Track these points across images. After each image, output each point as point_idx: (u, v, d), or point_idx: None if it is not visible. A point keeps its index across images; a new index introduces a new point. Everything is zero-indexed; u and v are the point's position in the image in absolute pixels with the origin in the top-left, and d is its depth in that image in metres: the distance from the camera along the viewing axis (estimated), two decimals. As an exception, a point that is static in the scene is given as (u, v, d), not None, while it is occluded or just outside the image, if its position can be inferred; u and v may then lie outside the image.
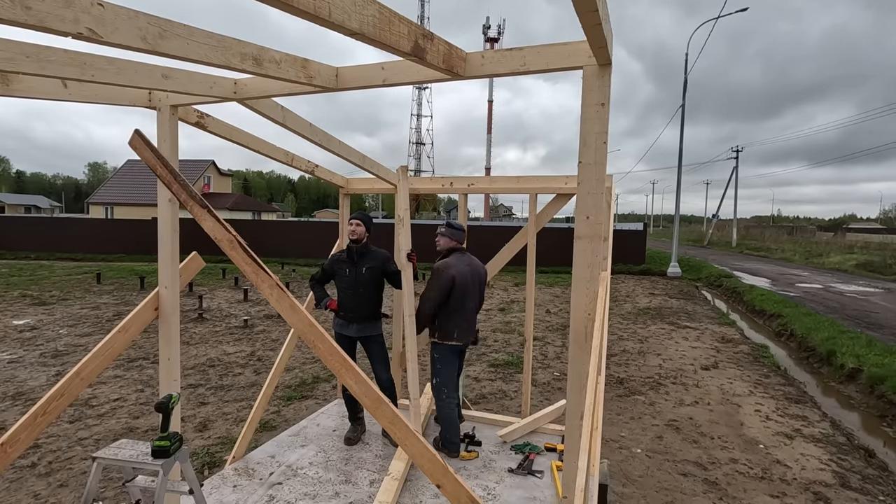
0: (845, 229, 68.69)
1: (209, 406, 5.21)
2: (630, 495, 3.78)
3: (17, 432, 2.33)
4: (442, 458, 2.02)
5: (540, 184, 4.00)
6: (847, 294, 14.27)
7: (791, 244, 36.57)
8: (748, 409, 5.64)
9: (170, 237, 2.52)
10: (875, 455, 4.66)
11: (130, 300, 11.38)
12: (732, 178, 38.67)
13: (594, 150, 1.81)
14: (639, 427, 5.06)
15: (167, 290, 2.53)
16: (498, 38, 53.11)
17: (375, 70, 2.11)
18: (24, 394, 5.46)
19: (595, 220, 1.83)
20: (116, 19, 1.38)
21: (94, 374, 2.49)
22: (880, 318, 10.60)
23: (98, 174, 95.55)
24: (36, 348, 7.31)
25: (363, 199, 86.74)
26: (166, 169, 2.28)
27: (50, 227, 22.86)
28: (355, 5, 1.47)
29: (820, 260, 25.31)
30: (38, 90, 2.13)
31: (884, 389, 6.07)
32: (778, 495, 3.83)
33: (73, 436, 4.47)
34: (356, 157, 3.48)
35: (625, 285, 16.22)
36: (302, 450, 3.80)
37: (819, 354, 7.91)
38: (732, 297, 14.39)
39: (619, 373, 6.84)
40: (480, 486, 3.33)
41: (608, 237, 3.69)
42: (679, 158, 19.70)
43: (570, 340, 1.91)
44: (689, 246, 38.42)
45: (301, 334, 2.04)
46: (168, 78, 2.10)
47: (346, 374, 2.17)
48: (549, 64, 1.86)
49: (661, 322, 10.39)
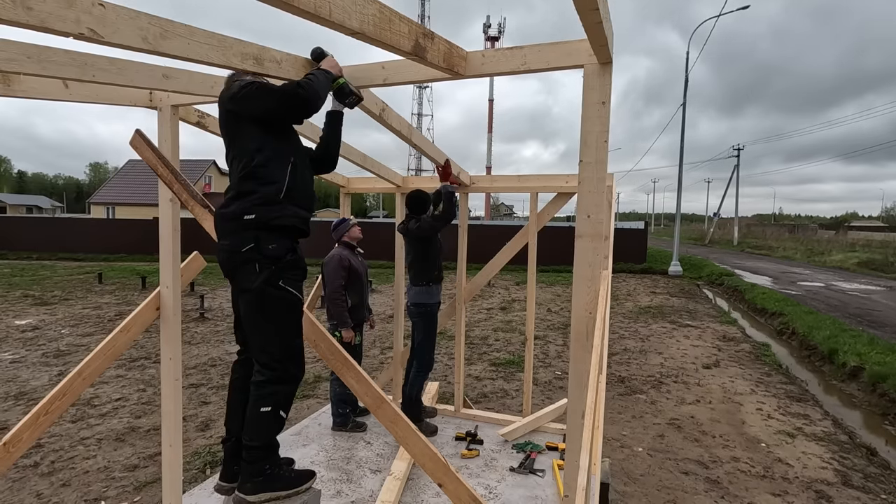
0: (847, 227, 68.57)
1: (211, 405, 5.22)
2: (632, 494, 3.78)
3: (19, 432, 2.34)
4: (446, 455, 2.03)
5: (541, 182, 4.00)
6: (849, 292, 14.25)
7: (793, 242, 36.51)
8: (750, 407, 5.64)
9: (171, 237, 2.53)
10: (877, 453, 4.65)
11: (132, 300, 11.39)
12: (734, 176, 38.60)
13: (595, 149, 1.81)
14: (640, 426, 5.06)
15: (168, 289, 2.53)
16: (498, 37, 53.04)
17: (376, 69, 2.11)
18: (27, 393, 5.48)
19: (596, 219, 1.83)
20: (118, 20, 1.38)
21: (96, 373, 2.50)
22: (882, 316, 10.58)
23: (99, 174, 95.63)
24: (38, 348, 7.33)
25: (364, 198, 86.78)
26: (167, 169, 2.28)
27: (51, 228, 22.89)
28: (356, 5, 1.47)
29: (821, 258, 25.26)
30: (40, 90, 2.13)
31: (885, 388, 6.06)
32: (780, 494, 3.83)
33: (76, 435, 4.48)
34: (357, 157, 3.47)
35: (626, 284, 16.21)
36: (304, 449, 3.81)
37: (821, 353, 7.89)
38: (734, 295, 14.37)
39: (621, 371, 6.84)
40: (482, 484, 3.33)
41: (609, 236, 3.69)
42: (680, 158, 19.67)
43: (572, 339, 1.91)
44: (690, 244, 38.37)
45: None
46: (169, 78, 2.10)
47: (346, 373, 2.17)
48: (550, 63, 1.86)
49: (662, 321, 10.38)
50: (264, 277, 1.85)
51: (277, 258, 1.88)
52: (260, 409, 1.89)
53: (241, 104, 1.86)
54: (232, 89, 1.89)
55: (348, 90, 2.03)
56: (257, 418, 1.90)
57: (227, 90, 1.93)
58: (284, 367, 1.92)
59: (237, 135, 1.92)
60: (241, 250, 1.86)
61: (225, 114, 1.95)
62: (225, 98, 1.93)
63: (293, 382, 1.98)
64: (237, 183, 1.90)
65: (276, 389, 1.91)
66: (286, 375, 1.93)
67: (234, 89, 1.88)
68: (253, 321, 1.90)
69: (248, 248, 1.85)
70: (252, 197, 1.87)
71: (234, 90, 1.87)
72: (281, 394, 1.92)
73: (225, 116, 1.96)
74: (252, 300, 1.88)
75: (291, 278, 1.93)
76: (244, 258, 1.86)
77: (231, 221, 1.89)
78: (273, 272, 1.87)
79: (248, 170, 1.87)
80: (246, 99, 1.85)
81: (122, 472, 3.86)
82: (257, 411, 1.89)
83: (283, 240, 1.92)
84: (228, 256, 1.90)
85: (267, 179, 1.89)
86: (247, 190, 1.88)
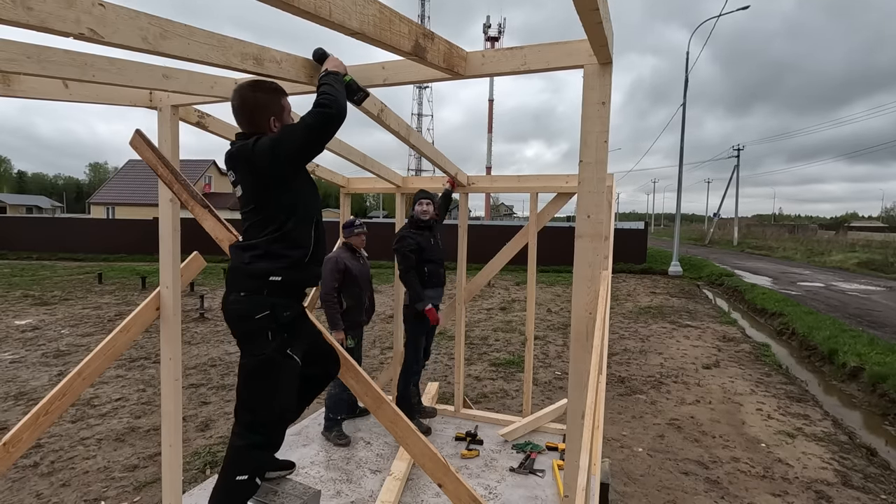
0: (847, 228, 68.56)
1: (211, 406, 5.22)
2: (632, 494, 3.78)
3: (19, 432, 2.34)
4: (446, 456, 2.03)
5: (540, 183, 4.00)
6: (849, 292, 14.25)
7: (792, 242, 36.51)
8: (750, 407, 5.64)
9: (171, 237, 2.53)
10: (877, 454, 4.65)
11: (132, 300, 11.39)
12: (734, 176, 38.60)
13: (595, 149, 1.81)
14: (640, 426, 5.06)
15: (168, 289, 2.53)
16: (498, 37, 53.03)
17: (376, 69, 2.11)
18: (27, 394, 5.48)
19: (596, 219, 1.83)
20: (118, 20, 1.38)
21: (96, 373, 2.50)
22: (882, 316, 10.58)
23: (99, 174, 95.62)
24: (38, 348, 7.32)
25: (364, 198, 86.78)
26: (167, 169, 2.28)
27: (51, 228, 22.90)
28: (356, 5, 1.47)
29: (821, 258, 25.26)
30: (39, 90, 2.13)
31: (885, 388, 6.06)
32: (780, 494, 3.83)
33: (76, 435, 4.48)
34: (357, 157, 3.47)
35: (626, 284, 16.21)
36: (303, 449, 3.81)
37: (820, 353, 7.89)
38: (734, 295, 14.37)
39: (621, 372, 6.84)
40: (482, 484, 3.33)
41: (609, 236, 3.69)
42: (680, 158, 19.68)
43: (572, 339, 1.91)
44: (690, 245, 38.37)
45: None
46: (169, 78, 2.09)
47: (346, 372, 2.17)
48: (550, 63, 1.86)
49: (662, 321, 10.38)
50: (275, 346, 1.83)
51: (290, 325, 1.86)
52: (236, 477, 1.81)
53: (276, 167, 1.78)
54: (262, 147, 1.79)
55: (356, 87, 2.02)
56: (232, 488, 1.82)
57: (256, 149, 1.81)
58: (271, 431, 1.88)
59: (263, 195, 1.85)
60: (256, 317, 1.81)
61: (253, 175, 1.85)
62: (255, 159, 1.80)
63: (273, 449, 1.93)
64: (266, 243, 1.84)
65: (258, 455, 1.86)
66: (271, 441, 1.90)
67: (265, 148, 1.78)
68: (249, 382, 1.85)
69: (262, 316, 1.81)
70: (281, 260, 1.84)
71: (265, 149, 1.78)
72: (261, 460, 1.87)
73: (253, 176, 1.85)
74: (256, 365, 1.83)
75: (297, 346, 1.91)
76: (258, 325, 1.82)
77: (253, 280, 1.84)
78: (284, 340, 1.85)
79: (280, 233, 1.84)
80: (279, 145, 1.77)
81: (121, 473, 3.86)
82: (232, 480, 1.81)
83: (296, 304, 1.91)
84: (239, 318, 1.86)
85: (297, 244, 1.87)
86: (276, 253, 1.84)
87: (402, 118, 2.72)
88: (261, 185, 1.85)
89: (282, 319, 1.83)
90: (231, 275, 1.92)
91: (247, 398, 1.87)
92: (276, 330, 1.83)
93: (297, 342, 1.92)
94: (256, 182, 1.86)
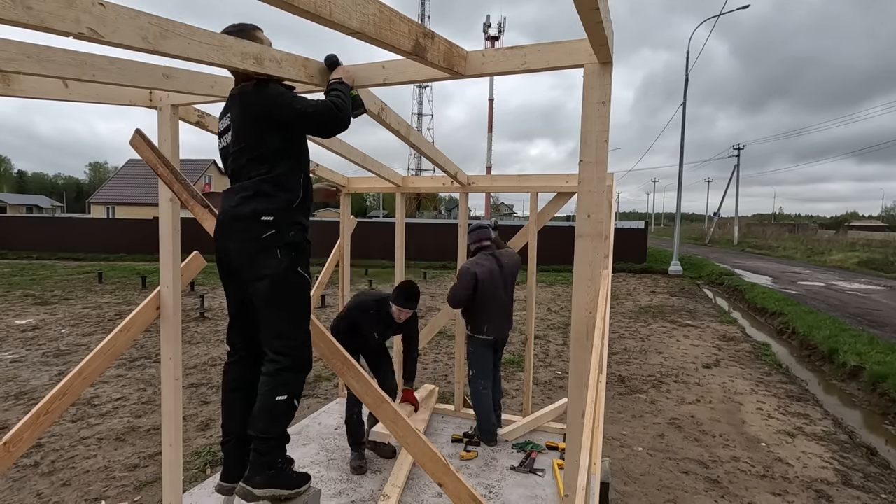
0: (847, 227, 68.54)
1: (211, 405, 5.22)
2: (632, 493, 3.78)
3: (19, 431, 2.34)
4: (447, 456, 2.03)
5: (540, 182, 4.00)
6: (849, 292, 14.25)
7: (793, 242, 36.50)
8: (750, 407, 5.64)
9: (171, 236, 2.53)
10: (877, 453, 4.65)
11: (132, 299, 11.40)
12: (734, 175, 38.61)
13: (595, 149, 1.81)
14: (640, 425, 5.06)
15: (168, 289, 2.53)
16: (498, 36, 52.99)
17: (376, 69, 2.11)
18: (27, 393, 5.48)
19: (596, 219, 1.83)
20: (118, 19, 1.38)
21: (97, 373, 2.50)
22: (882, 315, 10.58)
23: (99, 174, 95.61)
24: (38, 348, 7.33)
25: (364, 198, 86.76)
26: (167, 168, 2.28)
27: (51, 227, 22.89)
28: (356, 4, 1.47)
29: (822, 258, 25.25)
30: (39, 90, 2.13)
31: (886, 387, 6.06)
32: (780, 493, 3.83)
33: (76, 435, 4.48)
34: (357, 156, 3.47)
35: (626, 283, 16.21)
36: (304, 448, 3.81)
37: (821, 352, 7.89)
38: (734, 295, 14.37)
39: (621, 371, 6.84)
40: (482, 484, 3.34)
41: (609, 235, 3.69)
42: (680, 158, 19.67)
43: (572, 339, 1.91)
44: (690, 244, 38.37)
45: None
46: (169, 77, 2.10)
47: (347, 372, 2.17)
48: (550, 62, 1.86)
49: (662, 320, 10.38)
50: (286, 263, 1.90)
51: (296, 244, 1.94)
52: (276, 398, 1.89)
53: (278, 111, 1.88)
54: (269, 92, 1.88)
55: (359, 102, 2.09)
56: (273, 407, 1.90)
57: (261, 92, 1.89)
58: (300, 352, 1.95)
59: (259, 135, 1.92)
60: (262, 237, 1.88)
61: (252, 113, 1.93)
62: (258, 100, 1.90)
63: (307, 370, 2.01)
64: (255, 184, 1.91)
65: (292, 377, 1.94)
66: (301, 362, 1.97)
67: (273, 93, 1.87)
68: (269, 308, 1.92)
69: (268, 235, 1.88)
70: (271, 199, 1.90)
71: (273, 94, 1.87)
72: (296, 381, 1.96)
73: (252, 115, 1.93)
74: (270, 286, 1.89)
75: (306, 263, 2.01)
76: (264, 245, 1.88)
77: (244, 221, 1.90)
78: (293, 258, 1.93)
79: (271, 175, 1.91)
80: (282, 107, 1.87)
81: (122, 472, 3.86)
82: (272, 400, 1.89)
83: (299, 230, 1.98)
84: (243, 246, 1.91)
85: (287, 187, 1.94)
86: (266, 192, 1.90)
87: (403, 118, 2.72)
88: (261, 126, 1.92)
89: (288, 239, 1.91)
90: (223, 222, 1.98)
91: (266, 322, 1.94)
92: (284, 248, 1.91)
93: (306, 262, 2.00)
94: (256, 123, 1.92)
